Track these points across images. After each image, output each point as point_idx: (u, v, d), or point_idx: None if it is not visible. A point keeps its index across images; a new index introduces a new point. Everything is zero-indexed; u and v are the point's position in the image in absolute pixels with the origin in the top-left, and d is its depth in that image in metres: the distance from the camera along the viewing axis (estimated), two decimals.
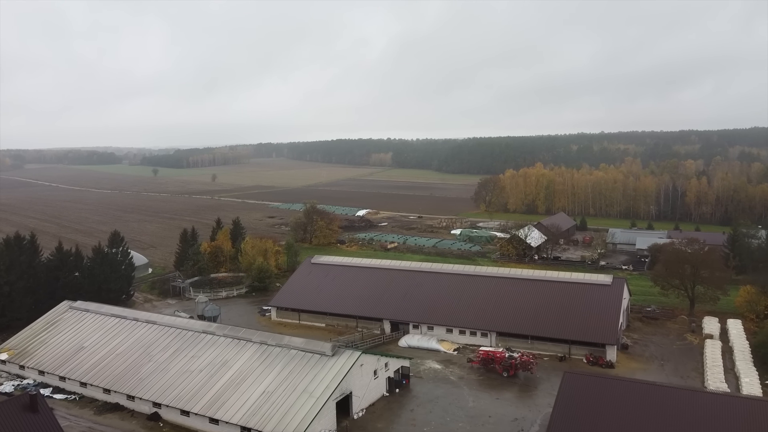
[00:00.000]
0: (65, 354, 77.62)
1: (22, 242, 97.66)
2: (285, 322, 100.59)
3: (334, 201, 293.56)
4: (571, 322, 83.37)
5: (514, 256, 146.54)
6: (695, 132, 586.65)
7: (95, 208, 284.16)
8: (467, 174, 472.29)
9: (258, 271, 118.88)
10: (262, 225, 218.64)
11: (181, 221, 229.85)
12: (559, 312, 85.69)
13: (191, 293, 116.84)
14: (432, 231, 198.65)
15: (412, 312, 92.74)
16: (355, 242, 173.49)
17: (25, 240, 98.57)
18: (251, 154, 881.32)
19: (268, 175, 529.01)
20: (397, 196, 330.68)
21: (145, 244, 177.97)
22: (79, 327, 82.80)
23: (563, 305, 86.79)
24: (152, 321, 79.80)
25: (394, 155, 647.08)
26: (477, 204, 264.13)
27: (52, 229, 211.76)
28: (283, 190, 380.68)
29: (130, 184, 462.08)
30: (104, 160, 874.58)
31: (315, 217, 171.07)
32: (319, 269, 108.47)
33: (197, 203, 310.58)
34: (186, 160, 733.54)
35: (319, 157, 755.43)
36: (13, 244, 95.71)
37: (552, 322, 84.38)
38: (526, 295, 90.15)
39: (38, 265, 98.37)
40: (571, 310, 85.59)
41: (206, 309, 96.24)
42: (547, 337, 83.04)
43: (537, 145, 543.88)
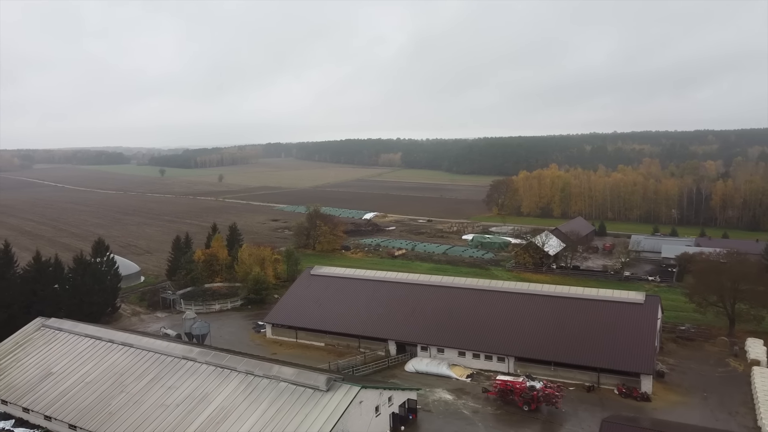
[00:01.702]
0: (31, 381, 69.16)
1: None
2: (281, 340, 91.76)
3: (341, 203, 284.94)
4: (600, 347, 73.87)
5: (530, 265, 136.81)
6: (712, 132, 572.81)
7: (96, 210, 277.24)
8: (478, 175, 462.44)
9: (254, 282, 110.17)
10: (264, 229, 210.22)
11: (181, 224, 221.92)
12: (586, 335, 76.16)
13: (182, 306, 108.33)
14: (442, 236, 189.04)
15: (421, 332, 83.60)
16: (360, 249, 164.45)
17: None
18: (260, 154, 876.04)
19: (276, 176, 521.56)
20: (406, 198, 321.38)
21: (140, 250, 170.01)
22: (49, 349, 74.32)
23: (590, 327, 77.24)
24: (128, 343, 71.08)
25: (403, 155, 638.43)
26: (489, 207, 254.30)
27: (47, 233, 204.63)
28: (289, 192, 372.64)
29: (136, 185, 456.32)
30: (113, 160, 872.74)
31: (318, 221, 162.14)
32: (318, 282, 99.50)
33: (201, 205, 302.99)
34: (194, 161, 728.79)
35: (328, 157, 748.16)
36: None
37: (578, 346, 74.87)
38: (548, 315, 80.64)
39: (12, 278, 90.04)
40: (600, 332, 76.04)
41: (194, 326, 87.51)
42: (572, 364, 73.50)
43: (549, 145, 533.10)
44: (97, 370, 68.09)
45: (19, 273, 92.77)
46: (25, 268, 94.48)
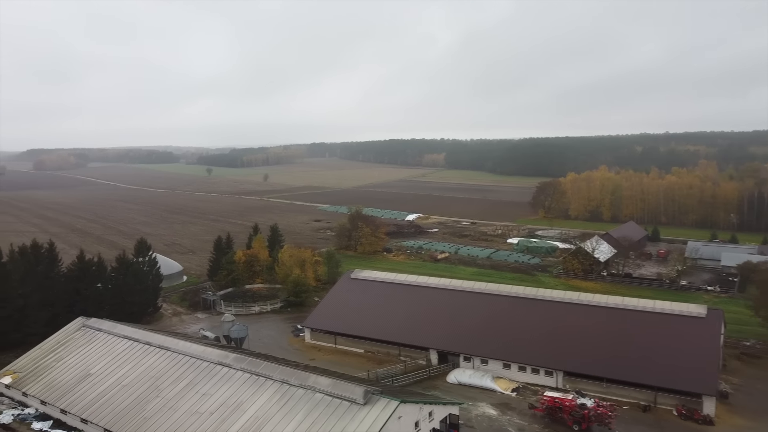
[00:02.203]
0: (70, 382, 68.94)
1: (39, 251, 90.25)
2: (320, 345, 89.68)
3: (383, 204, 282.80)
4: (657, 364, 68.79)
5: (579, 271, 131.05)
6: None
7: (143, 209, 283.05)
8: (523, 176, 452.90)
9: (294, 285, 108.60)
10: (307, 229, 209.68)
11: (225, 223, 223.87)
12: (642, 349, 71.18)
13: (222, 307, 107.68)
14: (486, 239, 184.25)
15: (464, 341, 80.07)
16: (402, 251, 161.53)
17: (43, 249, 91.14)
18: (304, 154, 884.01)
19: (319, 176, 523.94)
20: (449, 199, 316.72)
21: (184, 249, 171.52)
22: (89, 350, 74.15)
23: (646, 341, 72.21)
24: (165, 347, 70.15)
25: (446, 156, 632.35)
26: (535, 209, 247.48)
27: (96, 230, 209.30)
28: (332, 191, 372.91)
29: (184, 184, 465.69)
30: (163, 159, 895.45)
31: (360, 223, 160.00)
32: (358, 286, 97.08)
33: (245, 204, 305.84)
34: (240, 160, 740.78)
35: (371, 157, 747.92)
36: (29, 253, 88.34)
37: (632, 361, 69.97)
38: (600, 327, 75.90)
39: (56, 276, 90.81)
40: (657, 347, 70.93)
41: (232, 329, 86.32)
42: (626, 381, 68.68)
43: (598, 146, 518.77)
44: (134, 373, 67.30)
45: (64, 272, 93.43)
46: (69, 267, 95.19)
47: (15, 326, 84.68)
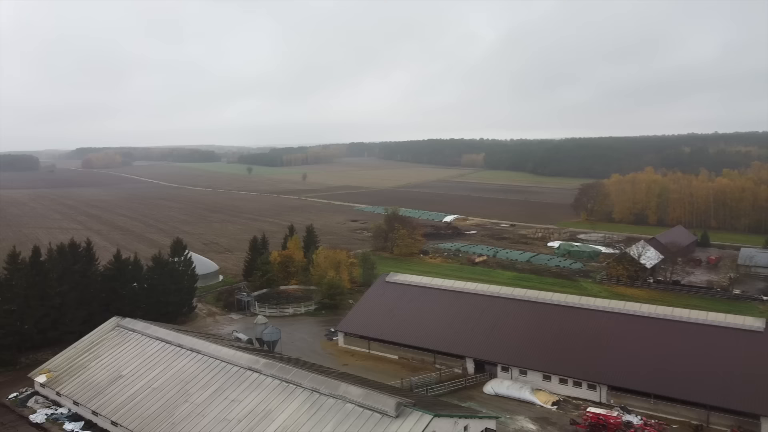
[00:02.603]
0: (102, 383, 68.71)
1: (77, 250, 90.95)
2: (353, 350, 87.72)
3: (421, 204, 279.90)
4: (711, 380, 64.30)
5: (624, 278, 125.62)
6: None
7: (184, 207, 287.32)
8: (564, 177, 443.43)
9: (328, 287, 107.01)
10: (343, 230, 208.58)
11: (263, 223, 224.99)
12: (693, 365, 66.73)
13: (256, 308, 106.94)
14: (526, 242, 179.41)
15: (502, 350, 76.86)
16: (439, 253, 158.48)
17: (80, 247, 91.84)
18: (343, 154, 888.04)
19: (357, 175, 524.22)
20: (488, 200, 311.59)
21: (221, 248, 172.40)
22: (121, 350, 73.96)
23: (698, 356, 67.70)
24: (196, 349, 69.28)
25: (486, 156, 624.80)
26: (577, 212, 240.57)
27: (137, 228, 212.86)
28: (370, 191, 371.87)
29: (225, 182, 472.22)
30: (205, 158, 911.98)
31: (396, 224, 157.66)
32: (393, 290, 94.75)
33: (283, 203, 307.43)
34: (280, 159, 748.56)
35: (410, 157, 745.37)
36: (67, 251, 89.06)
37: (683, 377, 65.61)
38: (648, 339, 71.61)
39: (93, 275, 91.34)
40: (710, 363, 66.36)
41: (265, 332, 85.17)
42: (676, 398, 64.40)
43: (643, 146, 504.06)
44: (164, 375, 66.58)
45: (100, 271, 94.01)
46: (106, 266, 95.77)
47: (52, 324, 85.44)
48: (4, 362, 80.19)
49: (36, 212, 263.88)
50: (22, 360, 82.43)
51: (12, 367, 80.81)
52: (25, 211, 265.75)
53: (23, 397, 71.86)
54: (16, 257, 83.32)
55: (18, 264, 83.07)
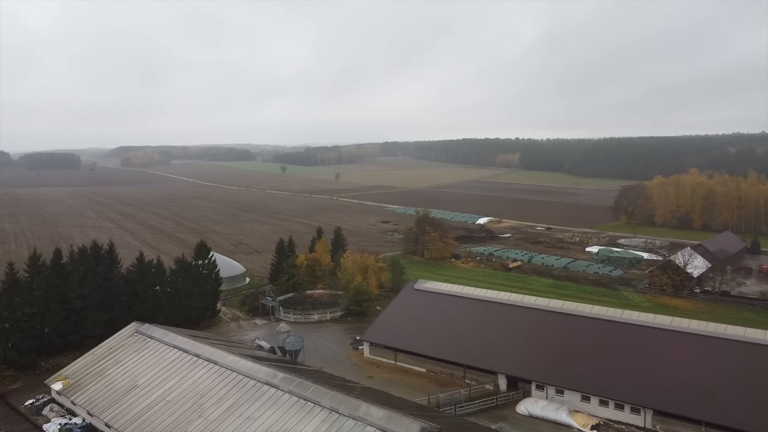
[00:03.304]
0: (117, 392, 66.24)
1: (99, 252, 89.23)
2: (379, 361, 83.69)
3: (453, 205, 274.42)
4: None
5: (669, 287, 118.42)
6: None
7: (217, 206, 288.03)
8: (603, 178, 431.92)
9: (355, 293, 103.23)
10: (374, 231, 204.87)
11: (293, 223, 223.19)
12: (751, 389, 60.55)
13: (281, 313, 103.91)
14: (563, 247, 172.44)
15: (537, 366, 71.73)
16: (472, 258, 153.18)
17: (103, 249, 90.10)
18: (376, 153, 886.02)
19: (391, 175, 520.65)
20: (523, 202, 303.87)
21: (250, 249, 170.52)
22: (138, 358, 71.50)
23: (756, 379, 61.46)
24: (213, 360, 66.26)
25: (521, 156, 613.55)
26: (616, 215, 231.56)
27: (169, 227, 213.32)
28: (403, 192, 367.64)
29: (258, 181, 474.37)
30: (240, 156, 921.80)
31: (427, 227, 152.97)
32: (422, 298, 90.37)
33: (315, 203, 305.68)
34: (314, 158, 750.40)
35: (444, 156, 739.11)
36: (89, 254, 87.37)
37: (739, 403, 59.56)
38: (700, 360, 65.58)
39: (115, 278, 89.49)
40: None
41: (287, 341, 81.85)
42: (732, 427, 58.39)
43: (686, 146, 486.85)
44: (180, 387, 63.67)
45: (123, 274, 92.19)
46: (129, 268, 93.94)
47: (73, 328, 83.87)
48: (24, 366, 78.76)
49: (72, 210, 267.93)
50: (42, 364, 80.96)
51: (32, 371, 79.34)
52: (62, 209, 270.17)
53: (39, 405, 70.05)
54: (36, 259, 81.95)
55: (39, 266, 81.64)
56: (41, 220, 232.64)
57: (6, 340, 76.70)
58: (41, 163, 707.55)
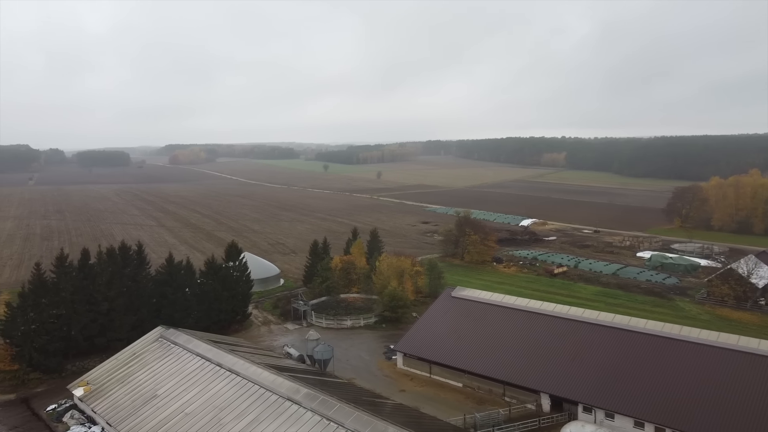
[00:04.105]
0: (136, 402, 63.46)
1: (127, 252, 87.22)
2: (412, 373, 78.80)
3: (496, 206, 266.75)
4: None
5: (730, 298, 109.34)
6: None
7: (257, 205, 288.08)
8: (654, 178, 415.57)
9: (389, 298, 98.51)
10: (413, 232, 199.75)
11: (332, 223, 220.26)
12: None
13: (313, 318, 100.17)
14: (612, 252, 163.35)
15: (584, 386, 65.47)
16: (514, 262, 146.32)
17: (131, 250, 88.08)
18: (419, 152, 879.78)
19: (433, 174, 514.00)
20: (569, 203, 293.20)
21: (287, 249, 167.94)
22: (160, 366, 68.68)
23: None
24: (235, 371, 62.73)
25: (568, 155, 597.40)
26: (669, 218, 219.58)
27: (208, 226, 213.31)
28: (444, 191, 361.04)
29: (300, 180, 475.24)
30: (284, 155, 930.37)
31: (467, 229, 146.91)
32: (459, 306, 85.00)
33: (355, 202, 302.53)
34: (356, 157, 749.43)
35: (487, 155, 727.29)
36: (117, 254, 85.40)
37: None
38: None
39: (143, 280, 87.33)
40: None
41: (316, 349, 77.85)
42: None
43: (744, 145, 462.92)
44: (200, 399, 60.30)
45: (152, 275, 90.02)
46: (158, 270, 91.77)
47: (100, 330, 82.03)
48: (49, 369, 77.23)
49: (117, 207, 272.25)
50: (69, 367, 79.34)
51: (58, 374, 77.78)
52: (107, 207, 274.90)
53: (61, 410, 67.99)
54: (63, 260, 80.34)
55: (65, 267, 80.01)
56: (86, 217, 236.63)
57: (31, 342, 75.02)
58: (93, 160, 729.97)
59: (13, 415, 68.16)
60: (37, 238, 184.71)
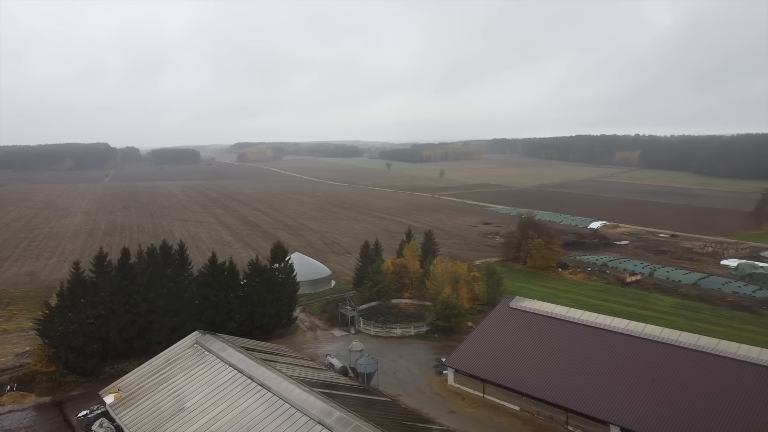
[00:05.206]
0: (163, 414, 59.47)
1: (169, 252, 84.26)
2: (464, 392, 71.58)
3: (563, 207, 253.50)
4: None
5: None
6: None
7: (317, 202, 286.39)
8: (737, 179, 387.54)
9: (442, 307, 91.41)
10: (473, 233, 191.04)
11: (390, 222, 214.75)
12: None
13: (361, 325, 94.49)
14: (692, 259, 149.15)
15: (663, 421, 56.26)
16: (582, 268, 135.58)
17: (172, 250, 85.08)
18: (484, 150, 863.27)
19: (497, 173, 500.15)
20: (643, 204, 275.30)
21: (341, 249, 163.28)
22: (191, 375, 64.58)
23: None
24: (266, 385, 57.59)
25: (641, 154, 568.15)
26: (758, 221, 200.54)
27: (265, 224, 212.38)
28: (509, 191, 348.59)
29: (362, 178, 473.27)
30: (348, 153, 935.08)
31: (531, 232, 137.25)
32: (518, 319, 76.93)
33: (415, 201, 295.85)
34: (419, 155, 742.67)
35: (555, 154, 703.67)
36: (158, 254, 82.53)
37: None
38: None
39: (185, 281, 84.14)
40: None
41: (359, 362, 71.89)
42: None
43: None
44: (227, 416, 55.46)
45: (193, 276, 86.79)
46: (201, 270, 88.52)
47: (139, 333, 79.26)
48: (86, 372, 74.95)
49: (181, 204, 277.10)
50: (107, 370, 76.91)
51: (95, 377, 75.44)
52: (171, 203, 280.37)
53: (92, 417, 65.01)
54: (102, 259, 77.97)
55: (104, 266, 77.62)
56: (150, 213, 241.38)
57: (68, 343, 72.86)
58: (165, 158, 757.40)
59: (44, 420, 65.95)
60: (101, 233, 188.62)
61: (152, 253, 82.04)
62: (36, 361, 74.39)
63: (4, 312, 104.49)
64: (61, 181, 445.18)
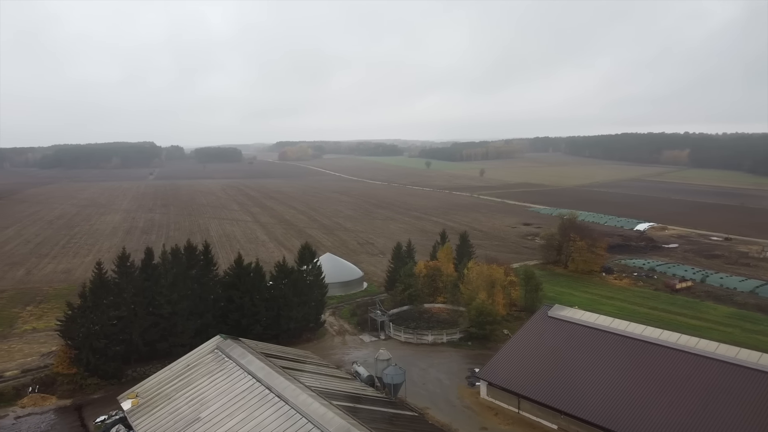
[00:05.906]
0: (178, 424, 56.88)
1: (194, 253, 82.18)
2: (498, 406, 66.93)
3: (607, 207, 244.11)
4: None
5: None
6: None
7: (354, 201, 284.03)
8: None
9: (476, 313, 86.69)
10: (512, 234, 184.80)
11: (426, 222, 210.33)
12: None
13: (391, 330, 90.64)
14: (747, 264, 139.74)
15: None
16: (627, 272, 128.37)
17: (197, 250, 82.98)
18: (525, 149, 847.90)
19: (539, 172, 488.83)
20: (694, 205, 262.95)
21: (375, 249, 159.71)
22: (210, 383, 61.91)
23: None
24: (284, 398, 54.37)
25: (691, 153, 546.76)
26: None
27: (301, 222, 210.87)
28: (550, 190, 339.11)
29: (401, 176, 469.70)
30: (388, 151, 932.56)
31: (572, 234, 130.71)
32: (557, 329, 71.72)
33: (454, 201, 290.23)
34: (459, 153, 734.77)
35: (599, 153, 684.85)
36: (182, 255, 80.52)
37: None
38: None
39: (209, 282, 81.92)
40: None
41: (386, 371, 68.07)
42: None
43: None
44: (242, 429, 52.49)
45: (218, 278, 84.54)
46: (226, 272, 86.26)
47: (161, 335, 77.40)
48: (108, 374, 73.40)
49: (219, 202, 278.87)
50: (129, 373, 75.27)
51: (117, 380, 73.82)
52: (210, 201, 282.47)
53: (110, 423, 63.28)
54: (125, 259, 76.36)
55: (127, 267, 75.98)
56: (188, 211, 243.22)
57: (90, 345, 71.39)
58: (208, 156, 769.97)
59: (62, 424, 64.45)
60: (138, 231, 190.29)
61: (176, 253, 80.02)
62: (58, 363, 73.23)
63: (36, 310, 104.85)
64: (107, 179, 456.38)
